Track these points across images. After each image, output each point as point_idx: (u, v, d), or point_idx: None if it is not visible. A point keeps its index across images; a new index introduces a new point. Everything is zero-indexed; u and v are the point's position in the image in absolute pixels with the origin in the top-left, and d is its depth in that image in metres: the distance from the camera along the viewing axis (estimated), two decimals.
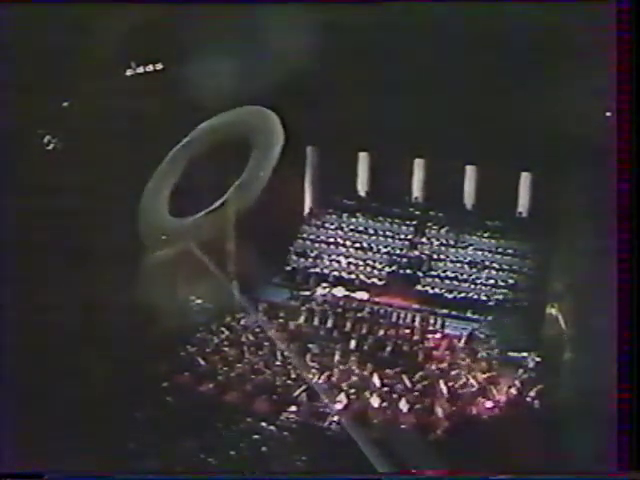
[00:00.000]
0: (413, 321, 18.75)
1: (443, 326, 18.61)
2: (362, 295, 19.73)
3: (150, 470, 12.92)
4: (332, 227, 21.89)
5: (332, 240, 21.55)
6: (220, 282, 16.11)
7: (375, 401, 15.39)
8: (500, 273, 20.02)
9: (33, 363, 14.43)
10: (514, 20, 16.50)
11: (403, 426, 14.85)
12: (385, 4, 17.18)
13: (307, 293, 19.85)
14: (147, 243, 15.48)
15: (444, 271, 20.38)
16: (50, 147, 18.21)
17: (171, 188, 15.94)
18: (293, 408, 15.32)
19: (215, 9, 16.56)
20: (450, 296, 19.78)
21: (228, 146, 16.04)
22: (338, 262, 20.92)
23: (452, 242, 21.02)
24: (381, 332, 18.07)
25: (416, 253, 21.00)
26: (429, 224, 21.51)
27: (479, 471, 12.17)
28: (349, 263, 20.86)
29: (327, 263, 20.96)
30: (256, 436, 14.41)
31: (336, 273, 20.66)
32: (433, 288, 20.08)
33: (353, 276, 20.55)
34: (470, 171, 21.09)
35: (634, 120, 12.06)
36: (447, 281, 20.10)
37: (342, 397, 15.50)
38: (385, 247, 21.20)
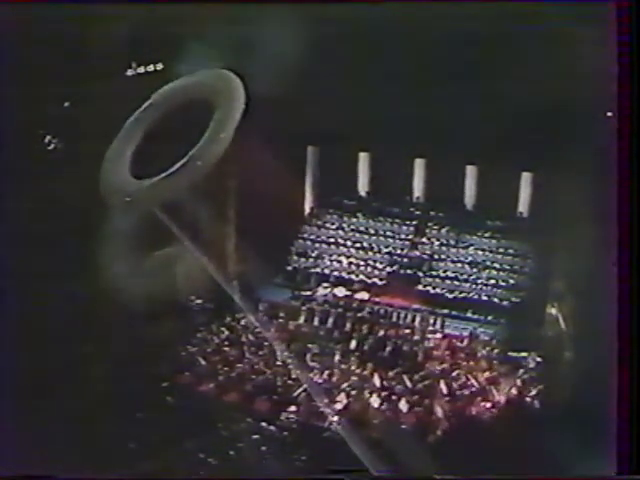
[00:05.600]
0: (413, 321, 18.73)
1: (443, 326, 18.59)
2: (362, 295, 19.72)
3: (150, 470, 12.94)
4: (332, 227, 21.87)
5: (333, 240, 21.53)
6: (193, 257, 16.19)
7: (375, 401, 15.39)
8: (500, 273, 20.01)
9: (32, 363, 14.45)
10: (513, 20, 16.48)
11: (403, 426, 14.86)
12: (386, 3, 17.19)
13: (308, 293, 19.84)
14: (111, 205, 15.59)
15: (445, 271, 20.36)
16: (51, 147, 18.23)
17: (133, 150, 15.98)
18: (293, 408, 15.32)
19: (214, 9, 16.57)
20: (450, 296, 19.76)
21: (190, 108, 16.06)
22: (339, 262, 20.91)
23: (453, 242, 21.00)
24: (381, 332, 18.06)
25: (416, 253, 20.98)
26: (429, 224, 21.48)
27: (479, 472, 12.18)
28: (350, 263, 20.85)
29: (328, 263, 20.95)
30: (256, 436, 14.41)
31: (337, 273, 20.65)
32: (434, 288, 20.06)
33: (354, 276, 20.55)
34: (470, 171, 21.08)
35: (634, 120, 12.07)
36: (447, 281, 20.08)
37: (342, 397, 15.50)
38: (386, 247, 21.18)
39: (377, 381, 16.00)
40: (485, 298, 19.54)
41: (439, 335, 18.22)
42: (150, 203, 16.02)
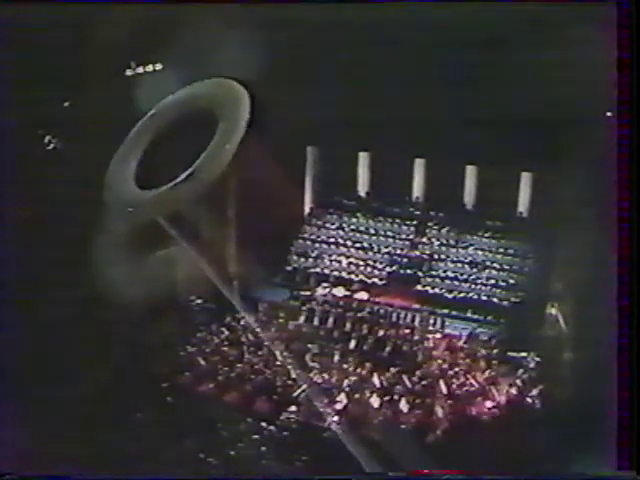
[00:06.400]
0: (413, 321, 18.74)
1: (443, 326, 18.59)
2: (362, 295, 19.72)
3: (150, 470, 12.94)
4: (332, 227, 21.88)
5: (332, 240, 21.54)
6: (192, 258, 16.19)
7: (375, 401, 15.40)
8: (500, 273, 20.01)
9: (33, 363, 14.45)
10: (514, 20, 16.49)
11: (403, 426, 14.86)
12: (386, 3, 17.20)
13: (307, 293, 19.84)
14: (114, 215, 15.59)
15: (444, 271, 20.36)
16: (50, 147, 18.24)
17: (138, 160, 15.97)
18: (293, 408, 15.33)
19: (214, 9, 16.58)
20: (450, 296, 19.76)
21: (194, 118, 16.04)
22: (338, 262, 20.92)
23: (452, 242, 21.00)
24: (381, 332, 18.07)
25: (416, 253, 20.99)
26: (429, 224, 21.48)
27: (479, 471, 12.18)
28: (349, 263, 20.85)
29: (327, 263, 20.95)
30: (256, 436, 14.42)
31: (336, 273, 20.65)
32: (433, 288, 20.06)
33: (353, 276, 20.55)
34: (470, 171, 21.08)
35: (634, 120, 12.08)
36: (447, 281, 20.08)
37: (342, 397, 15.51)
38: (385, 247, 21.18)
39: (377, 381, 16.01)
40: (485, 298, 19.55)
41: (439, 335, 18.22)
42: (154, 214, 16.01)
